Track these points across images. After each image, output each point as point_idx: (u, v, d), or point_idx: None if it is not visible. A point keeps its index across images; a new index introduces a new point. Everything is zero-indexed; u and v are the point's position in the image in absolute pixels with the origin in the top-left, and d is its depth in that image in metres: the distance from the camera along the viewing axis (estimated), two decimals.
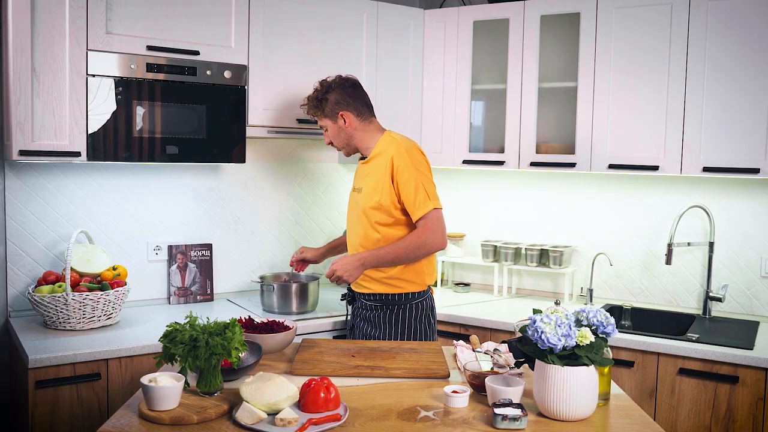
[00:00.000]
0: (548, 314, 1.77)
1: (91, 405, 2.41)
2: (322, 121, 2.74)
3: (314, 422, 1.67)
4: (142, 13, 2.68)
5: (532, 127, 3.25)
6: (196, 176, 3.23)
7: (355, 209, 2.73)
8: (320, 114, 2.73)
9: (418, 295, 2.68)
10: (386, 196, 2.59)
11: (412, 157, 2.58)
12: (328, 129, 2.73)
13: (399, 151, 2.58)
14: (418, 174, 2.56)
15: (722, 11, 2.82)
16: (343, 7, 3.21)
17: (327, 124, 2.73)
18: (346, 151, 2.78)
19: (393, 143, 2.63)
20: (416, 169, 2.57)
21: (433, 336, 2.74)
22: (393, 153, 2.59)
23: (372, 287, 2.67)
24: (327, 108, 2.70)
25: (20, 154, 2.48)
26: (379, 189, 2.60)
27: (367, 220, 2.65)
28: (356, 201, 2.73)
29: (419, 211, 2.55)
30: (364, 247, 2.67)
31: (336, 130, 2.71)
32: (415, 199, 2.55)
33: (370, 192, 2.64)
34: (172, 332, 1.84)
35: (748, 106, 2.80)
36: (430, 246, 2.57)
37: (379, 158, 2.65)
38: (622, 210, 3.38)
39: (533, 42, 3.23)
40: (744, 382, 2.56)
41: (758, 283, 3.10)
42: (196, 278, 3.20)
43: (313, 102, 2.74)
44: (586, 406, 1.75)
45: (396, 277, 2.64)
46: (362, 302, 2.73)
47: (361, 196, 2.69)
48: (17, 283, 2.83)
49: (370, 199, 2.63)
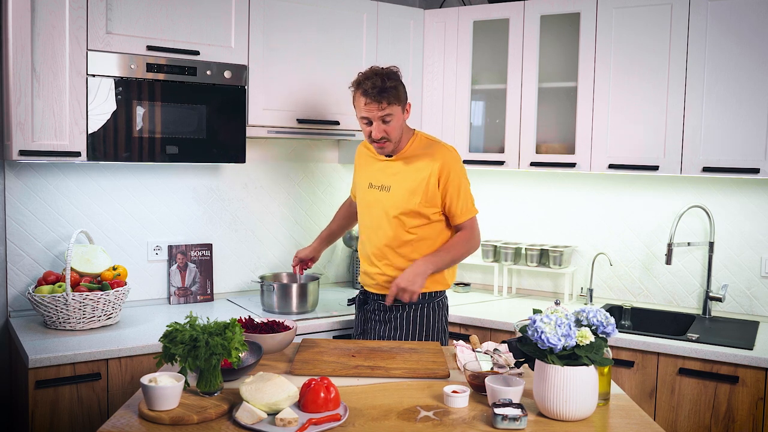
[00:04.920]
0: (548, 314, 1.77)
1: (91, 405, 2.42)
2: (392, 108, 2.52)
3: (314, 422, 1.67)
4: (142, 13, 2.68)
5: (532, 127, 3.25)
6: (196, 176, 3.23)
7: (377, 207, 2.64)
8: (394, 100, 2.52)
9: (437, 294, 2.66)
10: (430, 200, 2.55)
11: (459, 163, 2.62)
12: (394, 118, 2.54)
13: (453, 157, 2.59)
14: (462, 180, 2.60)
15: (722, 11, 2.82)
16: (343, 7, 3.21)
17: (396, 113, 2.54)
18: (390, 148, 2.61)
19: (441, 148, 2.60)
20: (462, 176, 2.61)
21: (446, 336, 2.72)
22: (444, 159, 2.56)
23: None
24: (403, 95, 2.58)
25: (20, 154, 2.48)
26: (420, 192, 2.55)
27: (399, 222, 2.59)
28: (378, 199, 2.65)
29: (464, 216, 2.60)
30: (390, 248, 2.61)
31: (401, 120, 2.57)
32: (462, 205, 2.59)
33: (405, 193, 2.57)
34: (172, 332, 1.84)
35: (747, 106, 2.80)
36: (473, 249, 2.64)
37: (419, 160, 2.58)
38: (622, 210, 3.38)
39: (533, 42, 3.23)
40: (744, 382, 2.56)
41: (758, 283, 3.10)
42: (196, 278, 3.20)
43: (391, 85, 2.52)
44: (586, 406, 1.75)
45: None
46: (378, 303, 2.67)
47: (389, 195, 2.61)
48: (17, 283, 2.83)
49: (408, 201, 2.56)
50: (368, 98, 2.51)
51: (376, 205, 2.65)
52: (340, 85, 3.21)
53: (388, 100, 2.51)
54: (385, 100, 2.50)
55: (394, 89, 2.52)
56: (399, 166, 2.62)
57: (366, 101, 2.52)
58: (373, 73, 2.53)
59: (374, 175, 2.69)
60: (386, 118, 2.53)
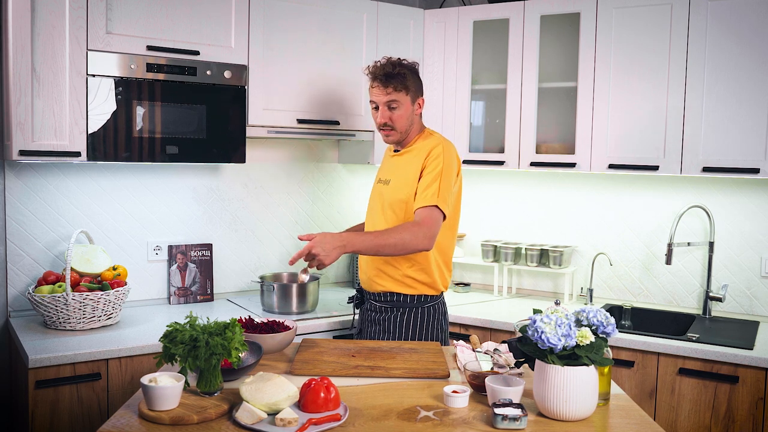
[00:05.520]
0: (548, 314, 1.77)
1: (91, 405, 2.42)
2: (399, 95, 2.54)
3: (314, 422, 1.67)
4: (142, 13, 2.68)
5: (532, 127, 3.25)
6: (196, 176, 3.23)
7: (378, 201, 2.65)
8: (403, 89, 2.54)
9: (432, 299, 2.62)
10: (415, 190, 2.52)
11: (447, 158, 2.51)
12: (401, 107, 2.55)
13: (440, 146, 2.53)
14: (442, 172, 2.47)
15: (722, 11, 2.82)
16: (343, 7, 3.21)
17: (402, 101, 2.55)
18: (394, 137, 2.60)
19: (435, 139, 2.57)
20: (444, 167, 2.48)
21: (446, 341, 2.67)
22: (432, 147, 2.53)
23: (386, 285, 2.59)
24: (414, 87, 2.58)
25: (20, 154, 2.48)
26: (410, 182, 2.53)
27: (393, 213, 2.57)
28: (380, 192, 2.65)
29: (422, 201, 2.44)
30: None
31: (409, 111, 2.57)
32: (425, 190, 2.45)
33: (400, 185, 2.56)
34: (172, 332, 1.84)
35: (747, 106, 2.80)
36: (412, 245, 2.38)
37: (416, 152, 2.58)
38: (622, 210, 3.38)
39: (533, 42, 3.23)
40: (744, 382, 2.56)
41: (758, 283, 3.10)
42: (196, 278, 3.20)
43: (400, 72, 2.53)
44: (586, 406, 1.75)
45: (411, 277, 2.56)
46: (372, 304, 2.66)
47: (387, 187, 2.61)
48: (17, 283, 2.83)
49: (400, 191, 2.55)
50: (376, 81, 2.57)
51: (378, 198, 2.66)
52: (340, 85, 3.22)
53: (395, 86, 2.53)
54: (391, 85, 2.53)
55: (401, 76, 2.54)
56: (401, 160, 2.63)
57: (373, 84, 2.58)
58: (387, 60, 2.59)
59: (384, 170, 2.71)
60: (392, 104, 2.55)
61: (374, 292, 2.64)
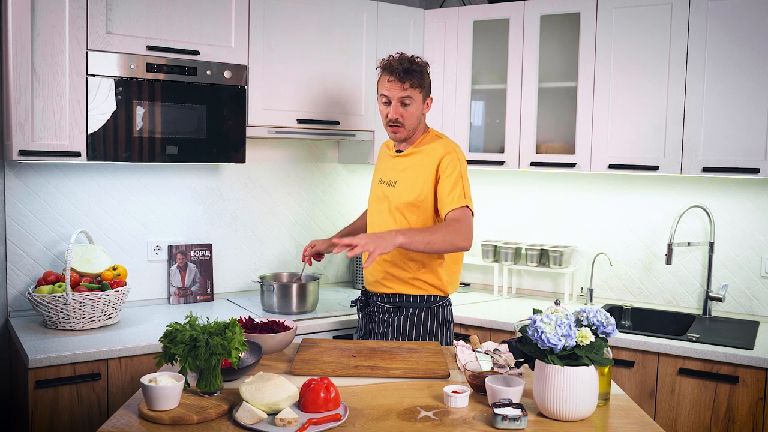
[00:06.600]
0: (548, 314, 1.77)
1: (91, 405, 2.42)
2: (414, 92, 2.54)
3: (314, 422, 1.67)
4: (142, 13, 2.68)
5: (532, 127, 3.25)
6: (196, 176, 3.23)
7: (384, 203, 2.64)
8: (417, 85, 2.54)
9: (440, 299, 2.62)
10: (428, 193, 2.52)
11: (462, 159, 2.54)
12: (414, 104, 2.55)
13: (455, 150, 2.54)
14: (461, 173, 2.50)
15: (722, 11, 2.82)
16: (343, 6, 3.21)
17: (416, 98, 2.55)
18: (402, 135, 2.59)
19: (443, 142, 2.58)
20: (462, 168, 2.52)
21: (451, 342, 2.67)
22: (444, 151, 2.53)
23: (394, 287, 2.59)
24: (427, 85, 2.59)
25: (20, 154, 2.48)
26: (420, 185, 2.53)
27: (402, 215, 2.57)
28: (385, 194, 2.64)
29: (452, 204, 2.45)
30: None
31: (419, 108, 2.57)
32: (451, 192, 2.46)
33: (408, 187, 2.56)
34: (172, 332, 1.84)
35: (747, 106, 2.80)
36: (456, 243, 2.39)
37: (423, 155, 2.57)
38: (622, 210, 3.38)
39: (533, 42, 3.23)
40: (744, 382, 2.56)
41: (758, 283, 3.10)
42: (196, 278, 3.20)
43: (419, 69, 2.55)
44: (586, 406, 1.75)
45: (421, 279, 2.57)
46: (378, 305, 2.65)
47: (394, 189, 2.60)
48: (17, 283, 2.83)
49: (409, 194, 2.55)
50: (392, 76, 2.54)
51: (383, 200, 2.65)
52: (340, 84, 3.22)
53: (411, 82, 2.53)
54: (408, 80, 2.52)
55: (419, 73, 2.54)
56: (407, 161, 2.62)
57: (389, 78, 2.55)
58: (402, 56, 2.58)
59: (386, 171, 2.70)
60: (405, 101, 2.54)
61: (381, 294, 2.64)
